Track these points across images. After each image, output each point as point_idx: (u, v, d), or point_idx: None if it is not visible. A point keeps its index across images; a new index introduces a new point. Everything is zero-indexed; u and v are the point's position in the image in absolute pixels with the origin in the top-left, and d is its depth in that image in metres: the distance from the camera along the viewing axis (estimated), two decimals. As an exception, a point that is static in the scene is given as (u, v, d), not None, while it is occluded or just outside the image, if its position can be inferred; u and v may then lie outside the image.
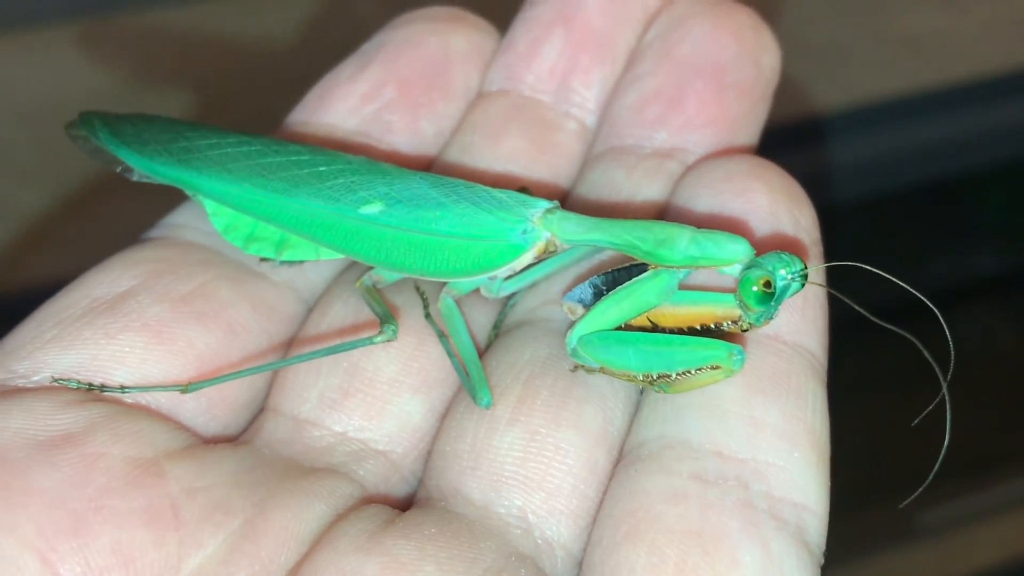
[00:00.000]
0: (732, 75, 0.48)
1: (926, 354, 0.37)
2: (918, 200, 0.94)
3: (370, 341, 0.41)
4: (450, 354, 0.43)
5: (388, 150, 0.50)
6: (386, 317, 0.42)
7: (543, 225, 0.42)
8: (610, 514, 0.38)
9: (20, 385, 0.39)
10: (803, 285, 0.39)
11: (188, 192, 0.46)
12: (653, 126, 0.48)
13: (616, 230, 0.41)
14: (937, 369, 0.38)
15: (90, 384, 0.40)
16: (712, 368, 0.38)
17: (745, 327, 0.40)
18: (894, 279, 0.38)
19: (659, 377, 0.39)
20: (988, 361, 0.95)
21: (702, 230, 0.40)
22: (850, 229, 0.85)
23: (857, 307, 0.38)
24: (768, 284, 0.39)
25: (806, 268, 0.39)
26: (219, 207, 0.45)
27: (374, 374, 0.42)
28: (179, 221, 0.47)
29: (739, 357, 0.38)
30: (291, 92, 0.52)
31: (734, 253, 0.39)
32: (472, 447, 0.40)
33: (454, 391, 0.43)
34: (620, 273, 0.42)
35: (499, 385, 0.41)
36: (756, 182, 0.43)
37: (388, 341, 0.41)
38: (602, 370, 0.41)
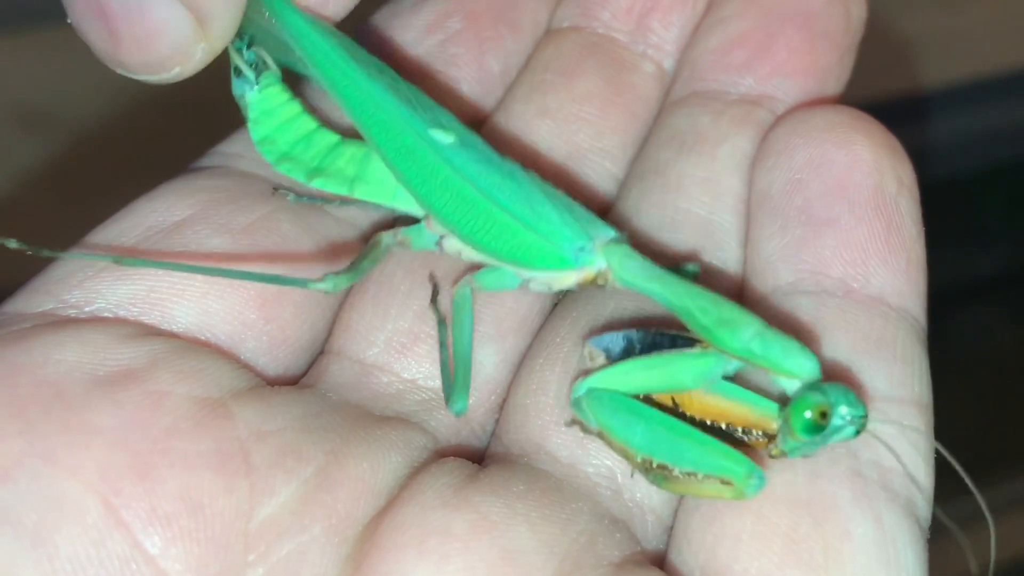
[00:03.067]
0: (822, 23, 0.46)
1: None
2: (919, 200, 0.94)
3: (304, 283, 0.37)
4: (442, 345, 0.39)
5: (451, 86, 0.47)
6: (356, 270, 0.38)
7: (603, 253, 0.38)
8: None
9: (72, 316, 0.36)
10: (857, 434, 0.34)
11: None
12: (740, 71, 0.46)
13: (679, 290, 0.37)
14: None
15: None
16: (722, 482, 0.34)
17: (775, 452, 0.35)
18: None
19: (658, 467, 0.35)
20: (988, 361, 0.95)
21: (772, 328, 0.35)
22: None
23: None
24: (824, 415, 0.34)
25: (867, 417, 0.34)
26: (264, 116, 0.41)
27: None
28: (234, 150, 0.44)
29: (757, 482, 0.34)
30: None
31: (800, 367, 0.35)
32: (557, 401, 0.38)
33: (528, 342, 0.41)
34: (662, 338, 0.38)
35: (575, 336, 0.39)
36: (859, 134, 0.41)
37: (324, 291, 0.37)
38: (599, 434, 0.36)
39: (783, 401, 0.35)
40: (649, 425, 0.35)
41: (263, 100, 0.42)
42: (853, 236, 0.39)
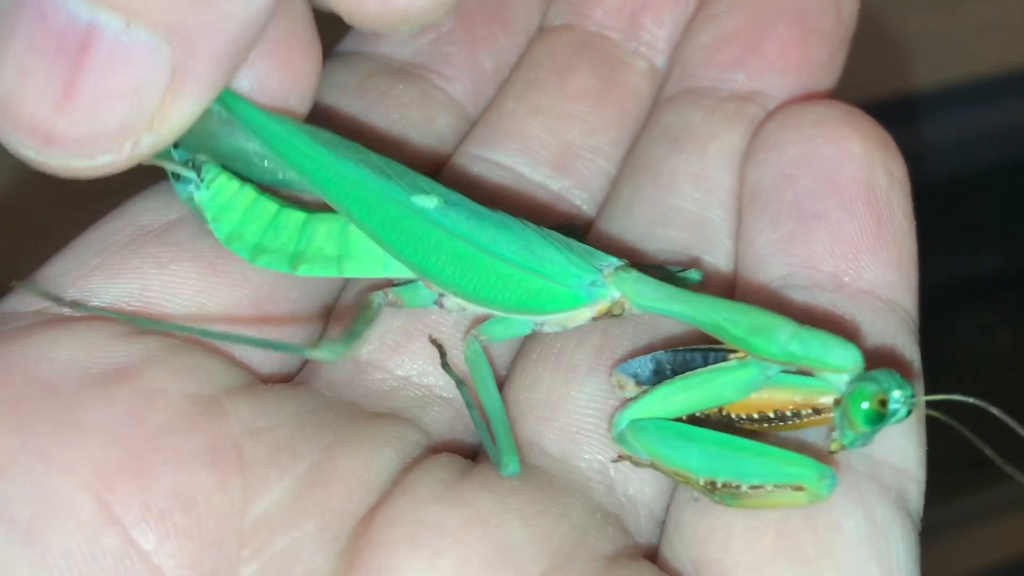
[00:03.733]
0: (813, 19, 0.46)
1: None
2: (918, 200, 0.94)
3: (305, 350, 0.37)
4: (470, 407, 0.38)
5: (444, 85, 0.47)
6: (352, 335, 0.36)
7: (614, 283, 0.38)
8: None
9: (67, 314, 0.36)
10: (909, 414, 0.34)
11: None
12: (731, 68, 0.46)
13: (702, 305, 0.36)
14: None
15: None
16: (795, 488, 0.33)
17: (835, 447, 0.35)
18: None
19: (723, 486, 0.34)
20: (988, 361, 0.95)
21: (805, 326, 0.35)
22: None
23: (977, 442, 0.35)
24: (884, 403, 0.33)
25: (915, 395, 0.34)
26: (222, 213, 0.39)
27: (439, 315, 0.40)
28: None
29: (830, 482, 0.33)
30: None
31: (843, 359, 0.34)
32: (548, 397, 0.38)
33: (522, 338, 0.41)
34: (693, 355, 0.37)
35: (576, 333, 0.39)
36: (849, 129, 0.41)
37: (324, 360, 0.37)
38: (652, 465, 0.36)
39: (834, 396, 0.35)
40: (703, 446, 0.35)
41: (214, 196, 0.39)
42: (844, 230, 0.39)
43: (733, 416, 0.36)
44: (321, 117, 0.44)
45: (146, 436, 0.33)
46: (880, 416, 0.34)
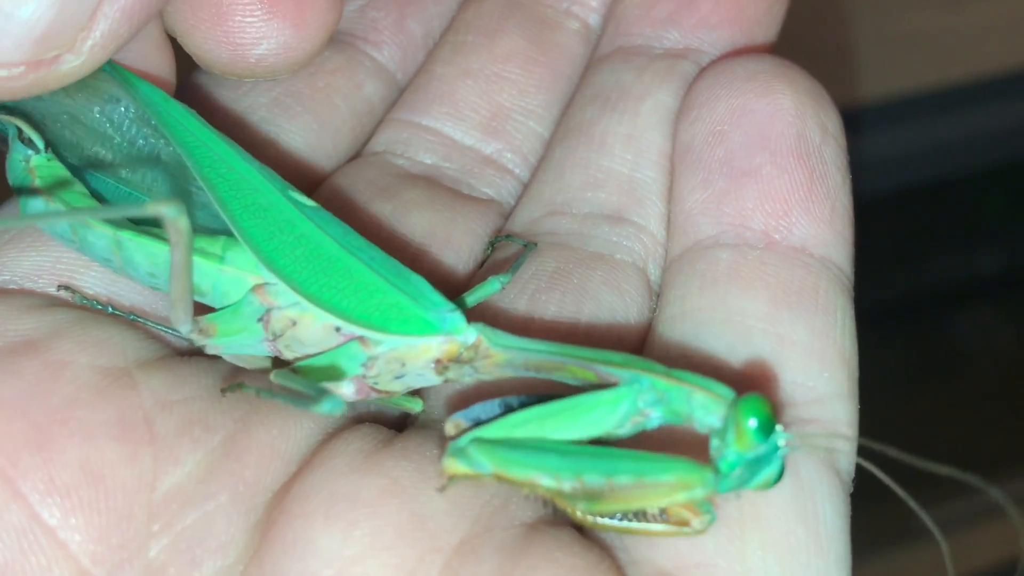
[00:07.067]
0: None
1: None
2: (918, 200, 0.94)
3: (310, 404, 0.33)
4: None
5: (372, 51, 0.46)
6: (319, 393, 0.33)
7: (473, 326, 0.34)
8: None
9: None
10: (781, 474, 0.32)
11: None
12: (664, 25, 0.45)
13: (564, 347, 0.33)
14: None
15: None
16: (678, 483, 0.30)
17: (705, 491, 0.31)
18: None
19: (590, 490, 0.31)
20: (988, 361, 0.95)
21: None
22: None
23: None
24: (772, 419, 0.31)
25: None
26: (55, 185, 0.37)
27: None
28: None
29: (713, 477, 0.31)
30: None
31: (721, 389, 0.32)
32: None
33: None
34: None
35: (502, 300, 0.38)
36: (780, 82, 0.40)
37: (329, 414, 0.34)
38: (497, 476, 0.32)
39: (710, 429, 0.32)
40: (563, 450, 0.32)
41: (52, 165, 0.38)
42: (775, 187, 0.38)
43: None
44: (242, 87, 0.44)
45: (52, 409, 0.32)
46: (764, 436, 0.31)
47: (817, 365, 0.35)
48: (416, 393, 0.37)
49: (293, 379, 0.34)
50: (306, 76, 0.45)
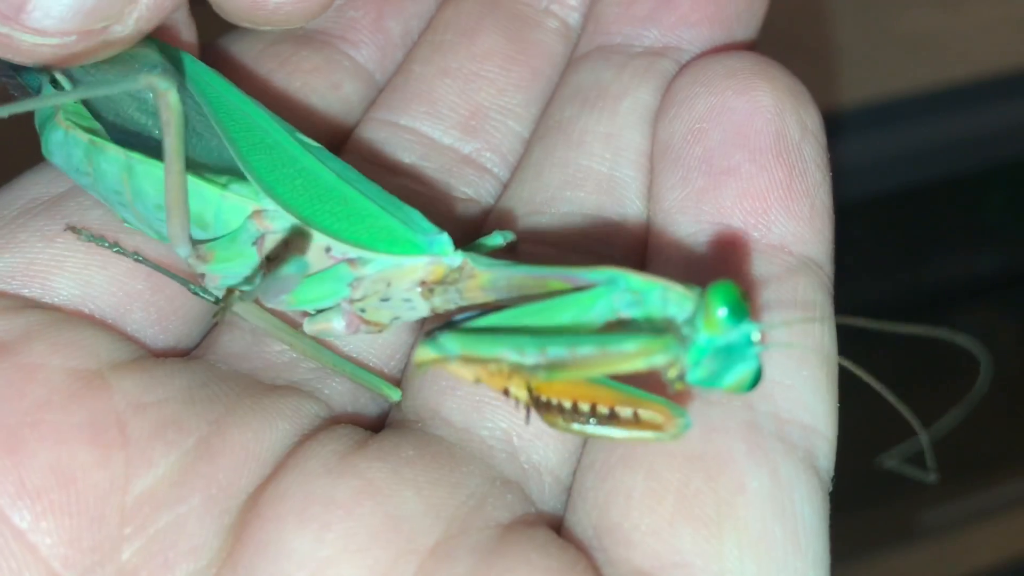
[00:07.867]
0: None
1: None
2: (918, 200, 0.94)
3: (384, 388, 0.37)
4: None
5: (350, 51, 0.47)
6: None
7: (460, 251, 0.36)
8: None
9: None
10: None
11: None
12: (644, 23, 0.45)
13: (545, 267, 0.34)
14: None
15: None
16: (642, 350, 0.31)
17: (678, 384, 0.32)
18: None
19: (556, 361, 0.31)
20: (988, 361, 0.94)
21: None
22: (850, 229, 0.85)
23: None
24: (742, 305, 0.31)
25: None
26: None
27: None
28: None
29: (679, 343, 0.31)
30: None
31: (689, 287, 0.32)
32: None
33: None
34: None
35: None
36: (760, 80, 0.39)
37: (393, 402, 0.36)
38: (463, 359, 0.33)
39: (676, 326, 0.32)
40: (530, 331, 0.32)
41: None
42: (754, 184, 0.38)
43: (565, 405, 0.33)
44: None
45: (23, 411, 0.32)
46: (738, 319, 0.31)
47: (795, 364, 0.35)
48: (396, 385, 0.38)
49: None
50: (283, 76, 0.45)
